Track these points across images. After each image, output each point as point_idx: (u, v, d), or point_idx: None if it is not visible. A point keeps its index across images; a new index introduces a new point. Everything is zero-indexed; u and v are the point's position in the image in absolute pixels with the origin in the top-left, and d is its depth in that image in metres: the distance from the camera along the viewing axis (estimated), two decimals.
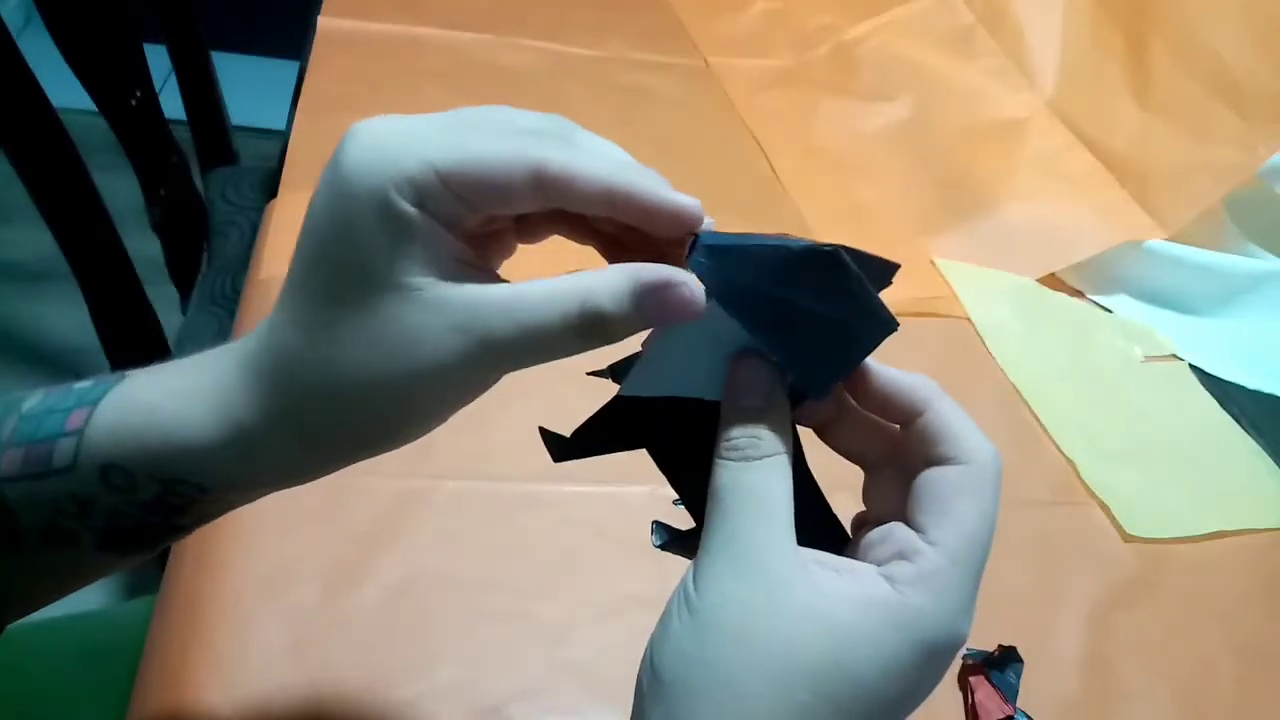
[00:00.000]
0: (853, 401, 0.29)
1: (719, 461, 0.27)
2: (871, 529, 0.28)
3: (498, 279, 0.26)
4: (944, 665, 0.26)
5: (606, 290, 0.25)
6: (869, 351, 0.27)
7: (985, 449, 0.27)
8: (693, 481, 0.29)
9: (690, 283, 0.25)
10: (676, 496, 0.30)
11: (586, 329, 0.25)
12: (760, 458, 0.26)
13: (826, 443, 0.30)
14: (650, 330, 0.27)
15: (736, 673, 0.24)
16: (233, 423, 0.27)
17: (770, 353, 0.27)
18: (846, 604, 0.25)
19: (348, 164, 0.24)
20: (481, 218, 0.26)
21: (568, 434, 0.31)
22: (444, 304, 0.25)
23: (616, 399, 0.29)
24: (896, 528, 0.27)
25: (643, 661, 0.26)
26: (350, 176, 0.24)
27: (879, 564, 0.26)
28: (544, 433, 0.31)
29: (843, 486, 0.30)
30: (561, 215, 0.28)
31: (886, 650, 0.24)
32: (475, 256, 0.26)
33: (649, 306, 0.25)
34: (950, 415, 0.27)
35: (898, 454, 0.28)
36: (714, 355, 0.28)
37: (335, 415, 0.27)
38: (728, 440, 0.27)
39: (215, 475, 0.28)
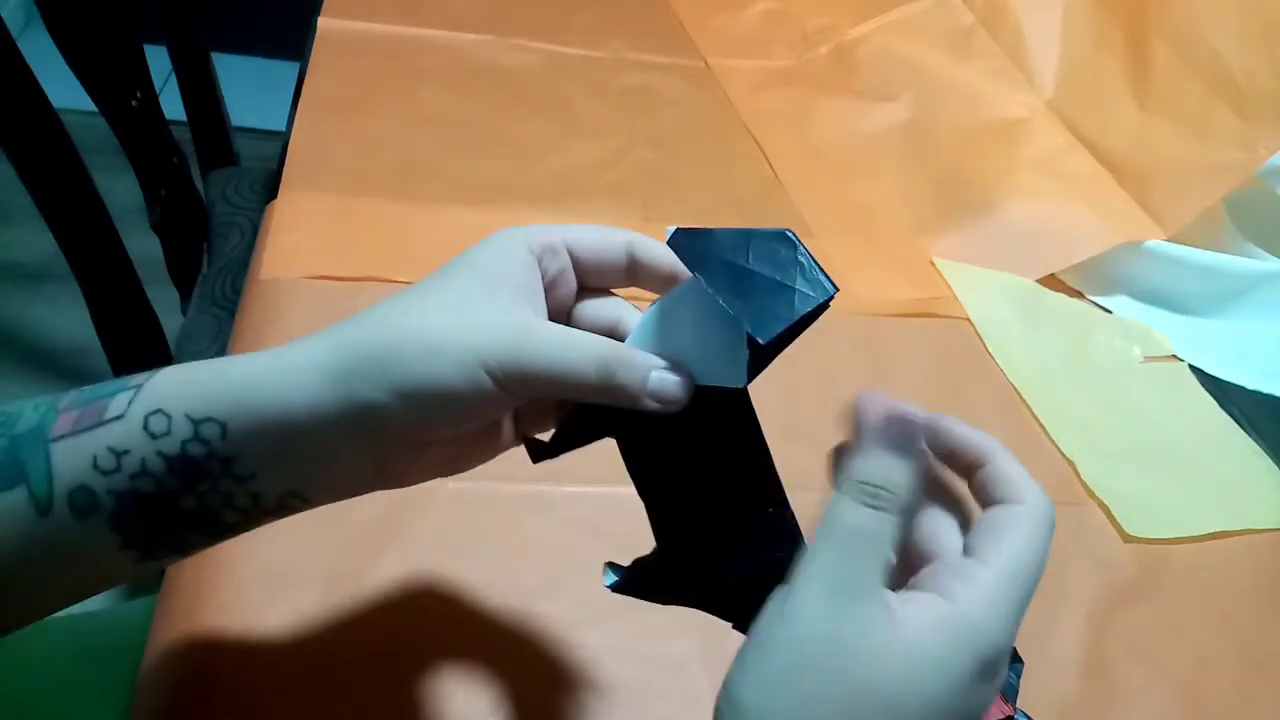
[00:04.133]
0: None
1: (846, 499, 0.28)
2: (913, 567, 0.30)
3: None
4: (993, 680, 0.27)
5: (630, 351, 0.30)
6: (813, 315, 0.29)
7: (1042, 497, 0.29)
8: (656, 479, 0.32)
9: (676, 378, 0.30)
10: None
11: (604, 372, 0.29)
12: (889, 510, 0.27)
13: None
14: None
15: (819, 704, 0.25)
16: (278, 352, 0.30)
17: (727, 305, 0.29)
18: (919, 630, 0.26)
19: (507, 229, 0.32)
20: (568, 284, 0.33)
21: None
22: (508, 312, 0.30)
23: None
24: (953, 563, 0.29)
25: (720, 695, 0.27)
26: (505, 232, 0.32)
27: (937, 590, 0.27)
28: (526, 440, 0.34)
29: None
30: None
31: (953, 666, 0.26)
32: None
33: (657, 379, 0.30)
34: (1012, 467, 0.30)
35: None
36: (680, 344, 0.30)
37: (377, 363, 0.29)
38: (866, 480, 0.28)
39: (243, 409, 0.28)
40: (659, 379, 0.30)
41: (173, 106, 1.01)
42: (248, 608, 0.41)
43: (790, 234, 0.30)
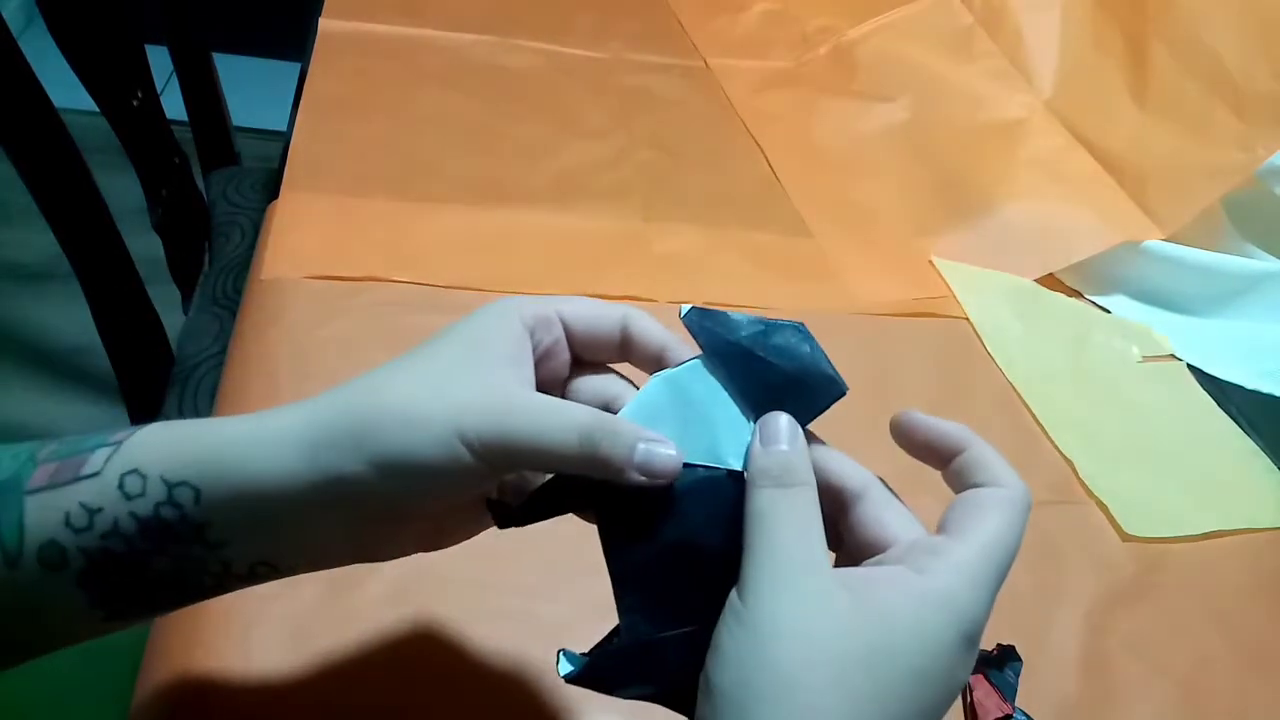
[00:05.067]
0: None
1: (758, 491, 0.28)
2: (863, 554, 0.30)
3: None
4: (974, 651, 0.28)
5: (614, 420, 0.29)
6: (823, 408, 0.30)
7: (1019, 482, 0.30)
8: (634, 563, 0.30)
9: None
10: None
11: (588, 442, 0.29)
12: (795, 485, 0.29)
13: None
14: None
15: (797, 670, 0.26)
16: (258, 418, 0.29)
17: (741, 392, 0.30)
18: (889, 595, 0.27)
19: (501, 299, 0.32)
20: (560, 359, 0.33)
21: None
22: (489, 382, 0.30)
23: None
24: (921, 539, 0.29)
25: (700, 686, 0.28)
26: (498, 302, 0.32)
27: (908, 565, 0.28)
28: (490, 503, 0.32)
29: None
30: None
31: (929, 630, 0.27)
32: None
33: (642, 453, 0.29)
34: (990, 452, 0.30)
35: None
36: (680, 421, 0.30)
37: (352, 435, 0.28)
38: (762, 470, 0.29)
39: (218, 476, 0.28)
40: (646, 451, 0.29)
41: (174, 106, 1.01)
42: (248, 607, 0.41)
43: (803, 327, 0.31)
